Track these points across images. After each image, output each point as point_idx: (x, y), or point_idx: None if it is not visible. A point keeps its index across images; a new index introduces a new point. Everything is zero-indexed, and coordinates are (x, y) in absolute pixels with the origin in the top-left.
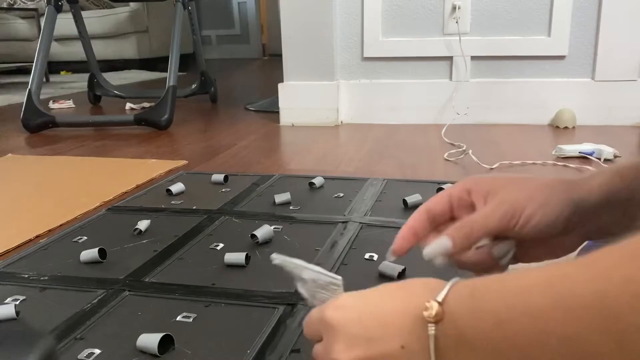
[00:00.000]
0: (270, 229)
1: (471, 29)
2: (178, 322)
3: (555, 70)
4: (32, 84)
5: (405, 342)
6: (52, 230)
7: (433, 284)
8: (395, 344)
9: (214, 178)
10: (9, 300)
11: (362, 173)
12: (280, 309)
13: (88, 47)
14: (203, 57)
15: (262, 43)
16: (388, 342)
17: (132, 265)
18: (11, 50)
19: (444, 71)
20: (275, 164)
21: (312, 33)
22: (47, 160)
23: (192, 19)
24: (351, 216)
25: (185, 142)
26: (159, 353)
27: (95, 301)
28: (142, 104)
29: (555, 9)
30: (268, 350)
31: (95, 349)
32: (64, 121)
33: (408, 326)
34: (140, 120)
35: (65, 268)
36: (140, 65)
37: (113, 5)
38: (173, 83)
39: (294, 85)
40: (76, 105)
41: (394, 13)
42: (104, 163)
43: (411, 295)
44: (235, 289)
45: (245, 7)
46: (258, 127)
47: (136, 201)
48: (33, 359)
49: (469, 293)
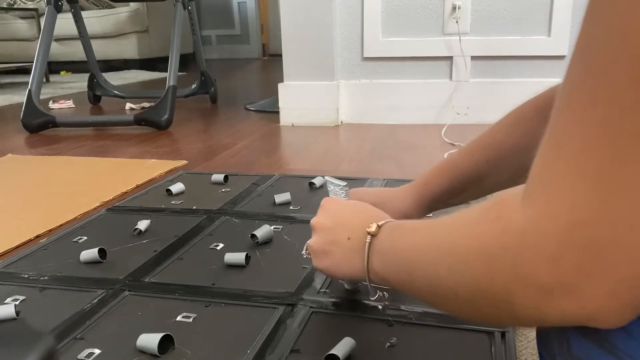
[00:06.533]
0: (270, 229)
1: (471, 29)
2: (178, 322)
3: (555, 70)
4: (32, 84)
5: (351, 237)
6: (52, 230)
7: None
8: (344, 235)
9: (214, 178)
10: (9, 300)
11: (362, 173)
12: (280, 309)
13: (88, 47)
14: (203, 57)
15: (262, 43)
16: (340, 234)
17: (132, 265)
18: (11, 50)
19: (444, 71)
20: (275, 164)
21: (312, 33)
22: (47, 160)
23: (192, 19)
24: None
25: (185, 142)
26: (159, 353)
27: (95, 301)
28: (142, 104)
29: (555, 9)
30: (268, 350)
31: (95, 349)
32: (64, 121)
33: (357, 230)
34: (140, 120)
35: (65, 268)
36: (140, 65)
37: (113, 5)
38: (173, 83)
39: (294, 85)
40: (76, 105)
41: (394, 13)
42: (104, 163)
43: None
44: (235, 289)
45: (245, 7)
46: (258, 127)
47: (136, 201)
48: (33, 359)
49: (394, 226)
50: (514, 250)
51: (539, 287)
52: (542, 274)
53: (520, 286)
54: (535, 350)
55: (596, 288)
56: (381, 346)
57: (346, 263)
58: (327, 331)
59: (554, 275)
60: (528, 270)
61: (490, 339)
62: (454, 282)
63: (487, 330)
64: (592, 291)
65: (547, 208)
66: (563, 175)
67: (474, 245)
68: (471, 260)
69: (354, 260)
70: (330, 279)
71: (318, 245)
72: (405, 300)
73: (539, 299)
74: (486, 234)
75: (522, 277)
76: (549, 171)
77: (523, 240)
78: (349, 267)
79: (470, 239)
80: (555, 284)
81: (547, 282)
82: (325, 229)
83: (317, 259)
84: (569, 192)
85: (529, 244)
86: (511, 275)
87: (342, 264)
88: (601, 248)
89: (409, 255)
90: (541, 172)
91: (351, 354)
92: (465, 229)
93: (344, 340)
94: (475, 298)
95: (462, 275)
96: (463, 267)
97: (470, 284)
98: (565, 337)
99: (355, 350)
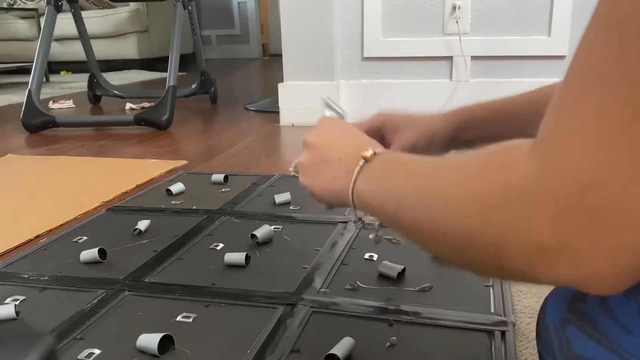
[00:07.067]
0: (270, 229)
1: (471, 29)
2: (178, 322)
3: (555, 70)
4: (32, 84)
5: (342, 158)
6: (52, 230)
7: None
8: (335, 155)
9: (214, 178)
10: (9, 300)
11: None
12: (280, 309)
13: (88, 47)
14: (203, 57)
15: (262, 43)
16: (332, 153)
17: (132, 265)
18: (11, 50)
19: (444, 71)
20: (275, 164)
21: (312, 33)
22: (47, 160)
23: (192, 19)
24: (351, 216)
25: (185, 142)
26: (159, 353)
27: (95, 301)
28: (142, 104)
29: (555, 9)
30: (268, 350)
31: (95, 349)
32: (64, 121)
33: (351, 153)
34: (140, 120)
35: (65, 268)
36: (140, 65)
37: (113, 5)
38: (173, 83)
39: (294, 85)
40: (76, 105)
41: (394, 13)
42: (104, 163)
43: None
44: (235, 289)
45: (245, 7)
46: (258, 127)
47: (136, 201)
48: (33, 359)
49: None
50: (515, 206)
51: (536, 245)
52: (542, 233)
53: (516, 241)
54: (535, 350)
55: (597, 254)
56: (381, 346)
57: (332, 183)
58: (327, 331)
59: (555, 236)
60: (528, 227)
61: (490, 339)
62: (445, 224)
63: (487, 330)
64: (592, 256)
65: (557, 166)
66: (576, 133)
67: (474, 190)
68: (468, 206)
69: (341, 182)
70: (330, 279)
71: (307, 162)
72: (405, 300)
73: (533, 256)
74: (488, 182)
75: (520, 232)
76: (562, 128)
77: (527, 197)
78: (333, 188)
79: (470, 182)
80: (554, 245)
81: (546, 241)
82: (317, 146)
83: (303, 176)
84: (581, 151)
85: (533, 201)
86: (508, 228)
87: (328, 183)
88: (608, 212)
89: (400, 188)
90: (553, 128)
91: (351, 353)
92: (467, 171)
93: (344, 340)
94: (464, 244)
95: (455, 219)
96: (458, 210)
97: (461, 229)
98: (565, 335)
99: (355, 350)
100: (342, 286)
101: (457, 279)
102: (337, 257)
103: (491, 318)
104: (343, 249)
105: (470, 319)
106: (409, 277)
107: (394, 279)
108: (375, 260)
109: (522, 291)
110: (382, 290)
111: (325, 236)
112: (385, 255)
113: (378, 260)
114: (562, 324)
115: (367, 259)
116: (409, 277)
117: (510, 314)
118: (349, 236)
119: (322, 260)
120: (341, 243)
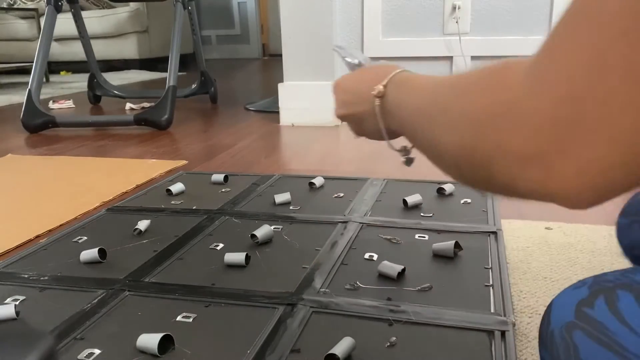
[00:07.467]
0: (270, 229)
1: (471, 29)
2: (178, 322)
3: None
4: (32, 84)
5: (366, 109)
6: (52, 230)
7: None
8: (363, 108)
9: (214, 178)
10: (9, 300)
11: (362, 173)
12: (280, 309)
13: (88, 47)
14: (203, 57)
15: (262, 43)
16: (360, 106)
17: (132, 265)
18: (11, 50)
19: (444, 71)
20: (275, 164)
21: (312, 33)
22: (47, 160)
23: (192, 19)
24: (351, 216)
25: (185, 142)
26: (159, 353)
27: (95, 301)
28: (142, 104)
29: (555, 9)
30: (268, 350)
31: (95, 349)
32: (64, 121)
33: (368, 99)
34: (140, 120)
35: (65, 268)
36: (140, 65)
37: (113, 5)
38: (173, 83)
39: (294, 85)
40: (76, 105)
41: (394, 13)
42: (104, 163)
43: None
44: (235, 289)
45: (245, 7)
46: (258, 127)
47: (136, 201)
48: (33, 359)
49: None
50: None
51: (518, 156)
52: (524, 145)
53: (502, 155)
54: (536, 350)
55: (565, 162)
56: (381, 346)
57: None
58: (327, 331)
59: (534, 147)
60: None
61: (490, 339)
62: (445, 141)
63: (487, 329)
64: (561, 164)
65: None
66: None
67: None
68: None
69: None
70: (330, 279)
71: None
72: (405, 300)
73: (514, 168)
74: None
75: (505, 146)
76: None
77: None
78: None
79: (468, 100)
80: (532, 155)
81: (527, 152)
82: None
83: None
84: (568, 63)
85: (519, 116)
86: (495, 142)
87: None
88: (581, 125)
89: (412, 112)
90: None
91: (351, 353)
92: (467, 88)
93: (344, 340)
94: (459, 160)
95: (451, 136)
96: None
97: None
98: (572, 341)
99: (355, 350)
100: (342, 286)
101: (457, 279)
102: (337, 257)
103: (491, 318)
104: (343, 249)
105: (470, 319)
106: (408, 277)
107: (394, 279)
108: (375, 260)
109: (522, 291)
110: (382, 290)
111: (325, 236)
112: (385, 255)
113: (378, 260)
114: (568, 330)
115: (367, 259)
116: (408, 277)
117: (510, 314)
118: (349, 236)
119: (322, 260)
120: (341, 243)
